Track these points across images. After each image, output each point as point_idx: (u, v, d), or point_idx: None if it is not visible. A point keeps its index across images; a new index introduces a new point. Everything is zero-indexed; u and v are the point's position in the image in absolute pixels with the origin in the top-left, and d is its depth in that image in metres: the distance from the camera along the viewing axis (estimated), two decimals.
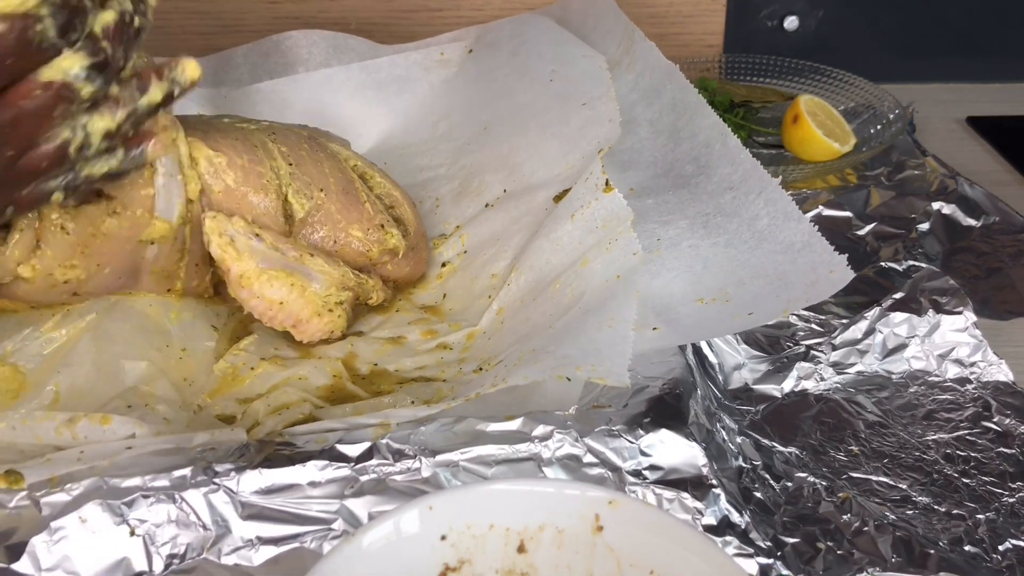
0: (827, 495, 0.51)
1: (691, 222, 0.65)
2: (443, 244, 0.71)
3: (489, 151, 0.76)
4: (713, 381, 0.60)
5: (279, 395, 0.55)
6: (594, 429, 0.48)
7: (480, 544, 0.40)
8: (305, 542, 0.45)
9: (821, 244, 0.58)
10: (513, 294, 0.63)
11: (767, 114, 0.93)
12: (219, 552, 0.44)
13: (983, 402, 0.59)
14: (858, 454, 0.56)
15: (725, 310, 0.57)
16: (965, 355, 0.62)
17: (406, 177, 0.78)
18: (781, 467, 0.53)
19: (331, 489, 0.46)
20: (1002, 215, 0.79)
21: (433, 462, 0.47)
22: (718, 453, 0.50)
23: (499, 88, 0.81)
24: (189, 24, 0.99)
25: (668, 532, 0.39)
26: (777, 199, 0.61)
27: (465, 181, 0.75)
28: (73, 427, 0.48)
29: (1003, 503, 0.52)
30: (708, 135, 0.69)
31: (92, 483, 0.45)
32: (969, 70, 1.08)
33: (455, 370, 0.60)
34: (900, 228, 0.78)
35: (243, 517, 0.45)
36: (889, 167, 0.86)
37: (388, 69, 0.87)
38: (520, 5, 1.00)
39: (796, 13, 1.05)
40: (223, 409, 0.56)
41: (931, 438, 0.57)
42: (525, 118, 0.75)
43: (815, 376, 0.62)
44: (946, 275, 0.66)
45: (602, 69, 0.74)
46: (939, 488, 0.53)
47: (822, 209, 0.79)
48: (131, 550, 0.44)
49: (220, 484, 0.45)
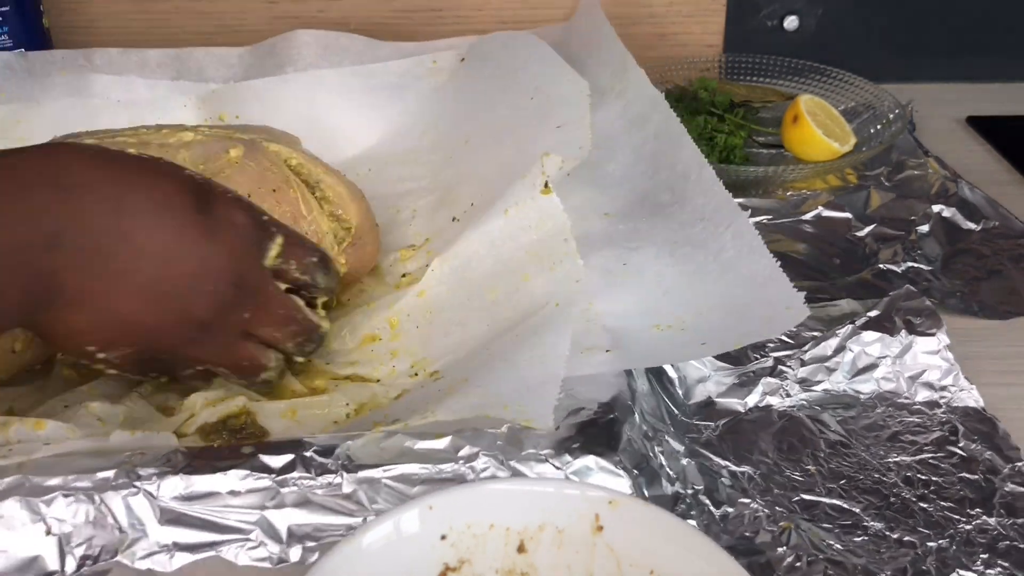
0: (767, 523, 0.50)
1: (659, 249, 0.65)
2: (411, 256, 0.71)
3: (467, 165, 0.76)
4: (671, 397, 0.59)
5: (215, 388, 0.55)
6: (521, 452, 0.47)
7: (480, 544, 0.41)
8: (221, 551, 0.45)
9: (782, 280, 0.57)
10: (436, 278, 0.63)
11: (767, 114, 0.92)
12: (133, 556, 0.44)
13: (951, 426, 0.57)
14: (814, 474, 0.54)
15: (678, 338, 0.57)
16: (936, 378, 0.60)
17: (387, 186, 0.78)
18: (725, 492, 0.52)
19: (251, 499, 0.46)
20: (1002, 220, 0.78)
21: (355, 478, 0.46)
22: (651, 479, 0.49)
23: (484, 101, 0.81)
24: (189, 24, 1.00)
25: (668, 532, 0.39)
26: (744, 233, 0.61)
27: (443, 194, 0.76)
28: (6, 431, 0.49)
29: (959, 530, 0.50)
30: (686, 166, 0.69)
31: (15, 480, 0.45)
32: (969, 70, 1.06)
33: (388, 368, 0.60)
34: (900, 230, 0.77)
35: (161, 522, 0.45)
36: (889, 167, 0.85)
37: (381, 75, 0.87)
38: (520, 5, 1.00)
39: (796, 13, 1.04)
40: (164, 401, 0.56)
41: (893, 460, 0.55)
42: (501, 134, 0.75)
43: (781, 392, 0.60)
44: (922, 296, 0.64)
45: (583, 95, 0.74)
46: (894, 512, 0.51)
47: (822, 210, 0.79)
48: (45, 549, 0.44)
49: (141, 488, 0.45)
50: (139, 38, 0.98)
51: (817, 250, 0.75)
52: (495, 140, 0.75)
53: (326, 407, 0.56)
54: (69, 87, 0.84)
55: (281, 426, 0.55)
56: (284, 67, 0.87)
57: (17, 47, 0.89)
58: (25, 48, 0.89)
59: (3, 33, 0.88)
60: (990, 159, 0.93)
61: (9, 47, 0.89)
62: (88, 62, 0.87)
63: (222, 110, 0.83)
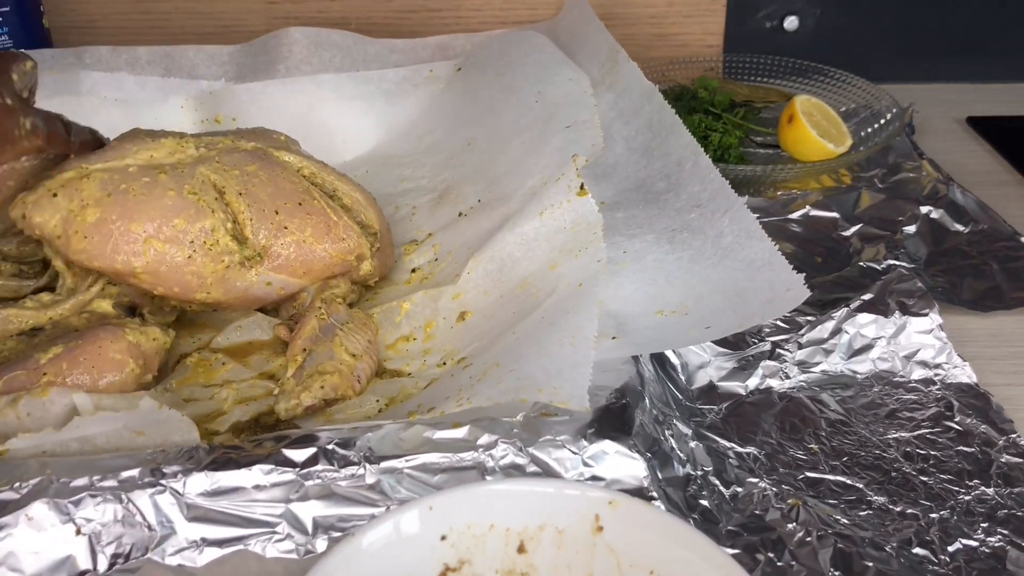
0: (776, 501, 0.51)
1: (657, 236, 0.66)
2: (415, 250, 0.72)
3: (470, 165, 0.77)
4: (674, 382, 0.60)
5: (247, 388, 0.55)
6: (539, 439, 0.48)
7: (480, 544, 0.41)
8: (249, 544, 0.45)
9: (780, 263, 0.58)
10: (472, 282, 0.64)
11: (768, 114, 0.93)
12: (163, 552, 0.45)
13: (946, 402, 0.59)
14: (817, 452, 0.56)
15: (682, 323, 0.58)
16: (930, 357, 0.62)
17: (387, 186, 0.79)
18: (733, 472, 0.54)
19: (276, 493, 0.46)
20: (992, 223, 0.78)
21: (377, 469, 0.47)
22: (663, 462, 0.51)
23: (484, 106, 0.82)
24: (189, 24, 1.00)
25: (668, 532, 0.39)
26: (742, 218, 0.62)
27: (444, 193, 0.77)
28: (16, 406, 0.49)
29: (959, 501, 0.52)
30: (681, 154, 0.70)
31: (41, 482, 0.46)
32: (969, 70, 1.07)
33: (420, 363, 0.61)
34: (886, 230, 0.77)
35: (188, 518, 0.46)
36: (885, 169, 0.85)
37: (378, 82, 0.88)
38: (520, 5, 1.01)
39: (796, 13, 1.05)
40: (189, 394, 0.57)
41: (892, 436, 0.57)
42: (508, 136, 0.76)
43: (780, 374, 0.62)
44: (915, 278, 0.66)
45: (586, 94, 0.75)
46: (896, 487, 0.53)
47: (809, 209, 0.79)
48: (76, 549, 0.44)
49: (167, 485, 0.46)
50: (139, 38, 0.98)
51: (801, 249, 0.75)
52: (500, 142, 0.76)
53: (357, 405, 0.57)
54: (58, 85, 0.84)
55: (314, 425, 0.55)
56: (276, 64, 0.87)
57: (17, 47, 0.89)
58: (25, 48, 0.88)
59: (3, 33, 0.88)
60: (990, 159, 0.93)
61: (9, 47, 0.89)
62: (78, 60, 0.87)
63: (219, 112, 0.83)
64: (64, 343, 0.55)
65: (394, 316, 0.64)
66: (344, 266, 0.64)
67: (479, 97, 0.84)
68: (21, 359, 0.55)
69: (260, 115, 0.81)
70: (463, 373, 0.55)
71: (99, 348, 0.55)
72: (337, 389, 0.56)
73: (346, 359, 0.57)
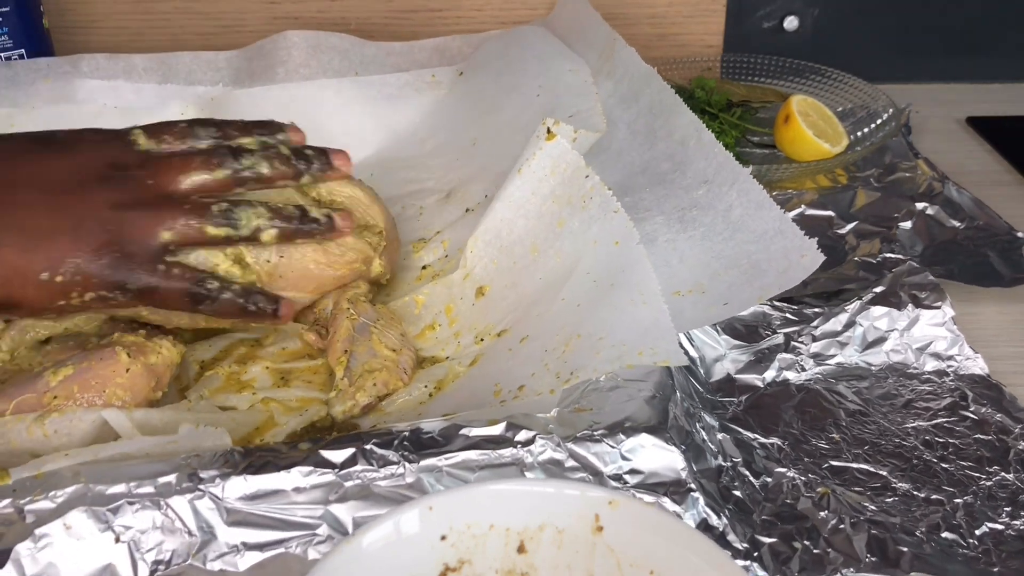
0: (806, 490, 0.52)
1: (667, 217, 0.66)
2: (423, 248, 0.72)
3: (476, 164, 0.78)
4: (694, 375, 0.61)
5: (290, 393, 0.55)
6: (576, 434, 0.48)
7: (480, 544, 0.41)
8: (290, 547, 0.45)
9: (792, 230, 0.58)
10: (476, 258, 0.64)
11: (765, 114, 0.93)
12: (204, 558, 0.44)
13: (960, 392, 0.60)
14: (839, 442, 0.57)
15: (700, 301, 0.58)
16: (943, 349, 0.63)
17: (393, 188, 0.79)
18: (761, 463, 0.54)
19: (316, 495, 0.46)
20: (987, 219, 0.78)
21: (417, 467, 0.47)
22: (697, 454, 0.51)
23: (487, 106, 0.82)
24: (189, 24, 0.99)
25: (668, 532, 0.39)
26: (750, 189, 0.62)
27: (451, 192, 0.77)
28: (43, 423, 0.49)
29: (980, 486, 0.53)
30: (684, 133, 0.70)
31: (77, 490, 0.45)
32: (969, 70, 1.08)
33: (454, 345, 0.61)
34: (881, 227, 0.77)
35: (228, 523, 0.45)
36: (881, 169, 0.85)
37: (380, 87, 0.88)
38: (519, 5, 1.01)
39: (795, 13, 1.05)
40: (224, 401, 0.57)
41: (910, 425, 0.58)
42: (512, 132, 0.75)
43: (796, 367, 0.62)
44: (926, 271, 0.67)
45: (588, 83, 0.75)
46: (918, 473, 0.54)
47: (804, 208, 0.79)
48: (116, 557, 0.44)
49: (205, 490, 0.45)
50: (139, 38, 0.97)
51: None
52: (505, 138, 0.76)
53: (407, 394, 0.57)
54: (54, 93, 0.83)
55: (368, 421, 0.56)
56: (274, 68, 0.87)
57: (17, 47, 0.88)
58: (25, 49, 0.88)
59: (3, 33, 0.87)
60: (990, 159, 0.94)
61: (9, 47, 0.88)
62: (74, 68, 0.86)
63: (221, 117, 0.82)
64: (75, 364, 0.54)
65: (412, 310, 0.64)
66: (355, 273, 0.64)
67: (482, 98, 0.84)
68: (31, 380, 0.54)
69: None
70: (523, 348, 0.55)
71: (111, 370, 0.55)
72: (388, 384, 0.56)
73: (388, 354, 0.57)
